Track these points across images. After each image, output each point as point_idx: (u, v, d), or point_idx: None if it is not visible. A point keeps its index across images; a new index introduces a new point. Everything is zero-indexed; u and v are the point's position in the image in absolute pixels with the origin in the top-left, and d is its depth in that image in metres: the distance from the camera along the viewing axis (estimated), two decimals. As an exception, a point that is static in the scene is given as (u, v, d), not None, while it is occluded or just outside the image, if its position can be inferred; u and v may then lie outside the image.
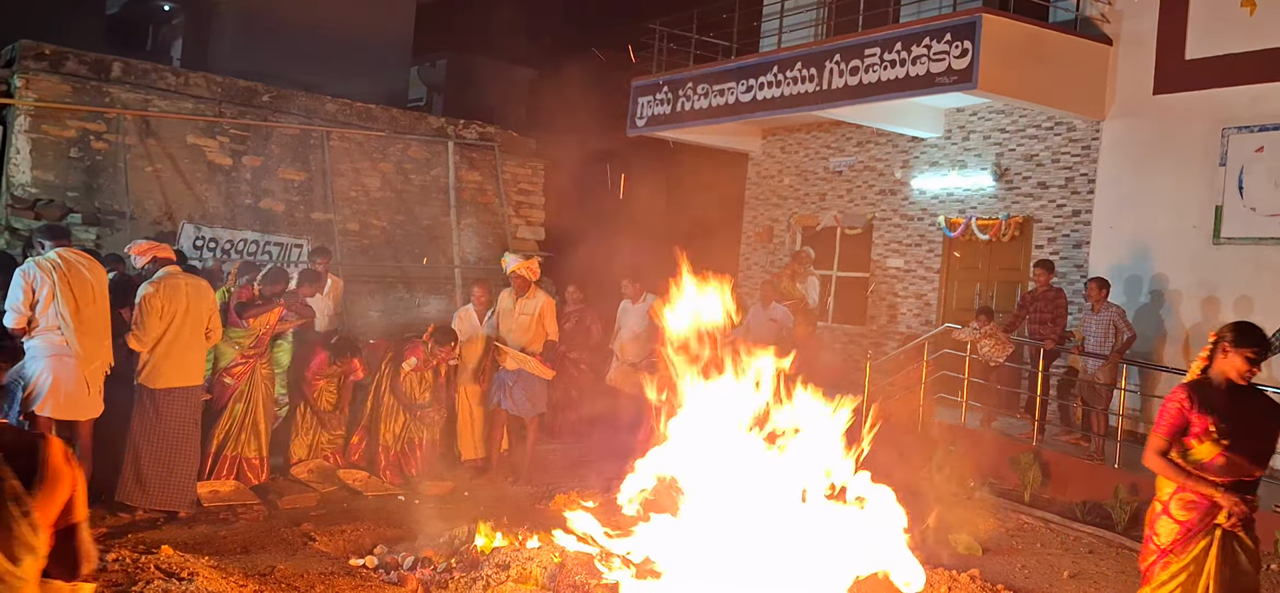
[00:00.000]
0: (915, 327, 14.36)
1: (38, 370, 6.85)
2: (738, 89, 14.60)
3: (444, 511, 7.92)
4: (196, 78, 13.33)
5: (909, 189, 14.90)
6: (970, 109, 13.90)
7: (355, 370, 9.33)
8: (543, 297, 9.83)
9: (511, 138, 15.91)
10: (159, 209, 12.59)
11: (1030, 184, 13.31)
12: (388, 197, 14.54)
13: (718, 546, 5.67)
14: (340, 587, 5.98)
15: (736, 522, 5.73)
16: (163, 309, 7.49)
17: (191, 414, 7.78)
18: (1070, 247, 12.79)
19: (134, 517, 7.40)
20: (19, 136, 11.88)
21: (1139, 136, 12.09)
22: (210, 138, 13.12)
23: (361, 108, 14.50)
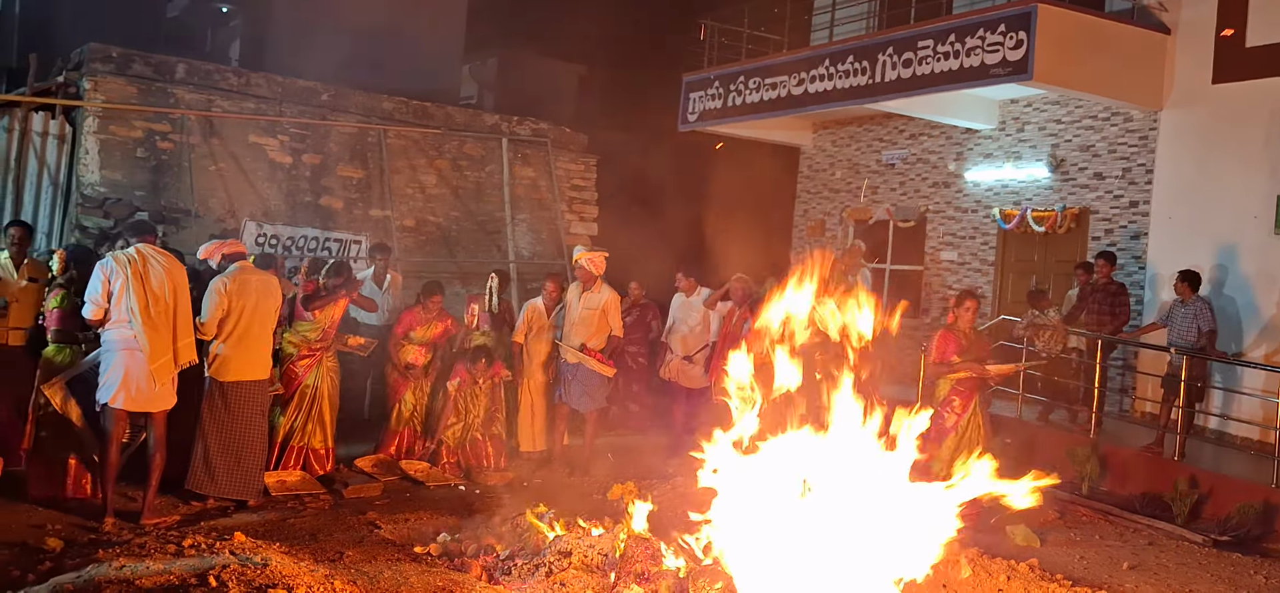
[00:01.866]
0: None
1: (110, 363, 7.07)
2: (789, 82, 14.62)
3: (505, 501, 8.06)
4: (257, 78, 13.60)
5: (963, 181, 14.83)
6: (1025, 100, 13.82)
7: (499, 372, 9.62)
8: (608, 292, 9.93)
9: (564, 134, 16.04)
10: (223, 207, 12.87)
11: (1086, 175, 13.20)
12: (444, 193, 14.75)
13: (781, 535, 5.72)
14: (407, 572, 6.13)
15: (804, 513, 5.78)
16: (231, 303, 7.69)
17: (259, 407, 7.97)
18: (1128, 238, 12.68)
19: (206, 505, 7.62)
20: (88, 137, 12.20)
21: (1198, 126, 11.96)
22: (271, 137, 13.39)
23: (417, 106, 14.71)
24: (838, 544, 5.57)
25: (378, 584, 5.79)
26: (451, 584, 5.93)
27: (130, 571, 5.32)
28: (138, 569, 5.37)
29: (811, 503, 5.82)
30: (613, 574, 6.05)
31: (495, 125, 15.40)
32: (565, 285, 10.36)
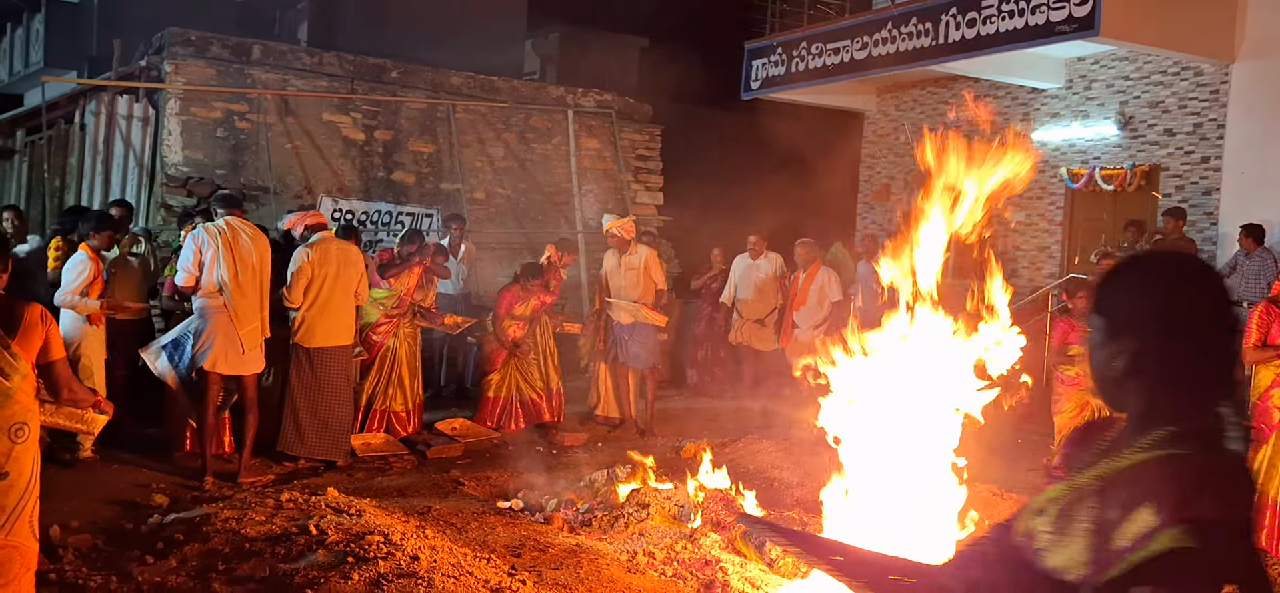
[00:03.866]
0: (1038, 280, 14.24)
1: (204, 329, 7.42)
2: (852, 47, 14.62)
3: (582, 461, 8.31)
4: (329, 57, 13.95)
5: (1029, 141, 14.72)
6: (1092, 57, 13.69)
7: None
8: (645, 250, 10.09)
9: (628, 105, 16.21)
10: (299, 183, 13.25)
11: (1156, 132, 13.08)
12: (511, 166, 15.01)
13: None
14: (493, 523, 6.38)
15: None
16: (314, 271, 8.00)
17: (343, 371, 8.29)
18: (1199, 194, 12.55)
19: (297, 466, 7.97)
20: (170, 119, 12.63)
21: (1271, 79, 11.79)
22: (344, 114, 13.74)
23: (484, 80, 14.97)
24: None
25: (466, 534, 6.06)
26: (535, 534, 6.18)
27: (236, 519, 5.64)
28: (243, 517, 5.68)
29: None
30: (691, 524, 6.26)
31: (560, 98, 15.62)
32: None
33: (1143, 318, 1.81)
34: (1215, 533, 1.60)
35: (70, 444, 7.53)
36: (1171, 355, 1.79)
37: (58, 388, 4.20)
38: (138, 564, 5.49)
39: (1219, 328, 1.82)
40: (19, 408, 3.95)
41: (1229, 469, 1.73)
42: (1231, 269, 10.70)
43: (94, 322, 7.74)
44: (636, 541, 6.09)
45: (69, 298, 7.58)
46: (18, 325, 3.97)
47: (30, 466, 3.99)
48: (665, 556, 5.82)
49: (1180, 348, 1.79)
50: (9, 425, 3.91)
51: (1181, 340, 1.79)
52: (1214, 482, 1.66)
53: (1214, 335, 1.82)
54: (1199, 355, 1.80)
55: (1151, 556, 1.61)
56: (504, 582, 5.04)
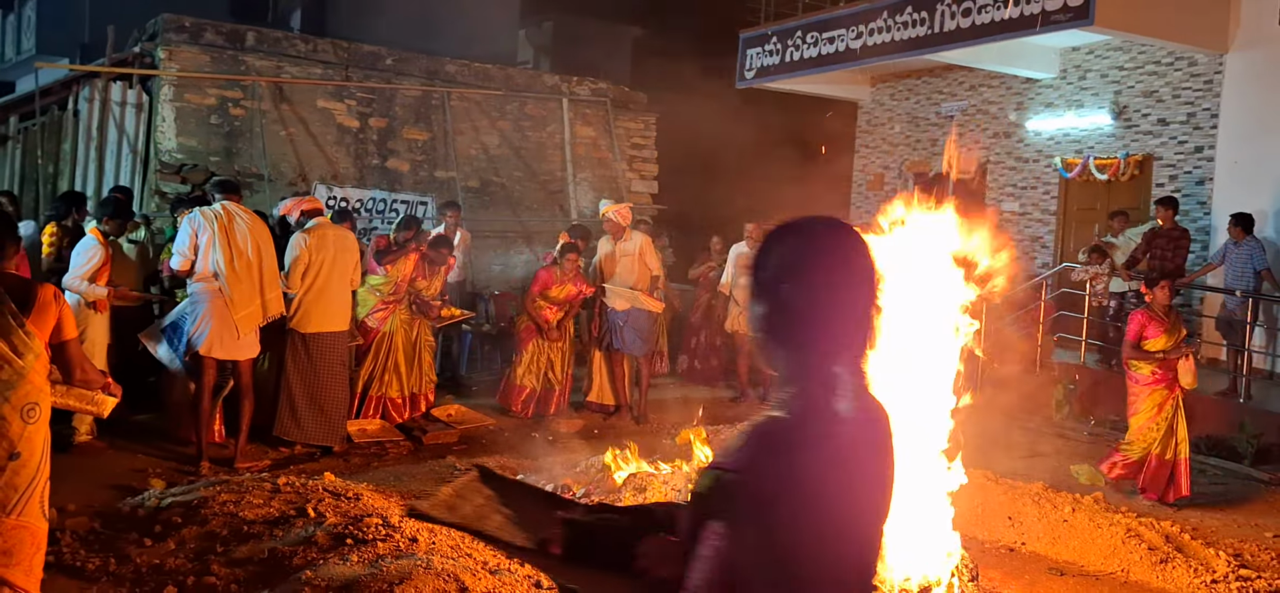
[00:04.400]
0: (1032, 270, 14.28)
1: (200, 313, 7.41)
2: (847, 36, 14.64)
3: (578, 447, 8.32)
4: (324, 44, 13.91)
5: (1023, 131, 14.78)
6: (1086, 47, 13.72)
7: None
8: (640, 236, 10.12)
9: (623, 93, 16.21)
10: (293, 171, 13.22)
11: (1150, 121, 13.11)
12: (506, 154, 15.00)
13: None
14: (490, 508, 6.40)
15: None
16: (311, 256, 7.99)
17: (339, 357, 8.28)
18: (1192, 183, 12.59)
19: (293, 450, 7.97)
20: (164, 106, 12.59)
21: (1265, 69, 11.83)
22: (338, 101, 13.71)
23: (479, 68, 14.95)
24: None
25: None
26: (533, 518, 6.19)
27: (233, 502, 5.65)
28: (241, 500, 5.69)
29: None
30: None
31: (555, 86, 15.60)
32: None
33: (776, 280, 1.88)
34: (737, 485, 1.74)
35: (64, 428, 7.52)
36: (798, 317, 1.86)
37: (70, 368, 4.21)
38: (135, 547, 5.50)
39: (846, 289, 1.88)
40: (31, 388, 3.96)
41: (797, 433, 1.81)
42: (1221, 258, 10.75)
43: (100, 308, 7.73)
44: (633, 525, 6.11)
45: (77, 283, 7.57)
46: (32, 305, 3.97)
47: (41, 446, 4.00)
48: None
49: (804, 310, 1.86)
50: (21, 405, 3.92)
51: (807, 302, 1.85)
52: (764, 441, 1.78)
53: (841, 296, 1.87)
54: (825, 316, 1.86)
55: (695, 490, 1.80)
56: (502, 564, 5.05)
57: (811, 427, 1.83)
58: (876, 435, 1.93)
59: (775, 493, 1.76)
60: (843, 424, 1.85)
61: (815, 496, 1.79)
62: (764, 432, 1.82)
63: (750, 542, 1.76)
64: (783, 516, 1.76)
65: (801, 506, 1.78)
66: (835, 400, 1.84)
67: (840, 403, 1.84)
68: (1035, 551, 6.68)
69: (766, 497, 1.76)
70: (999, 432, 9.26)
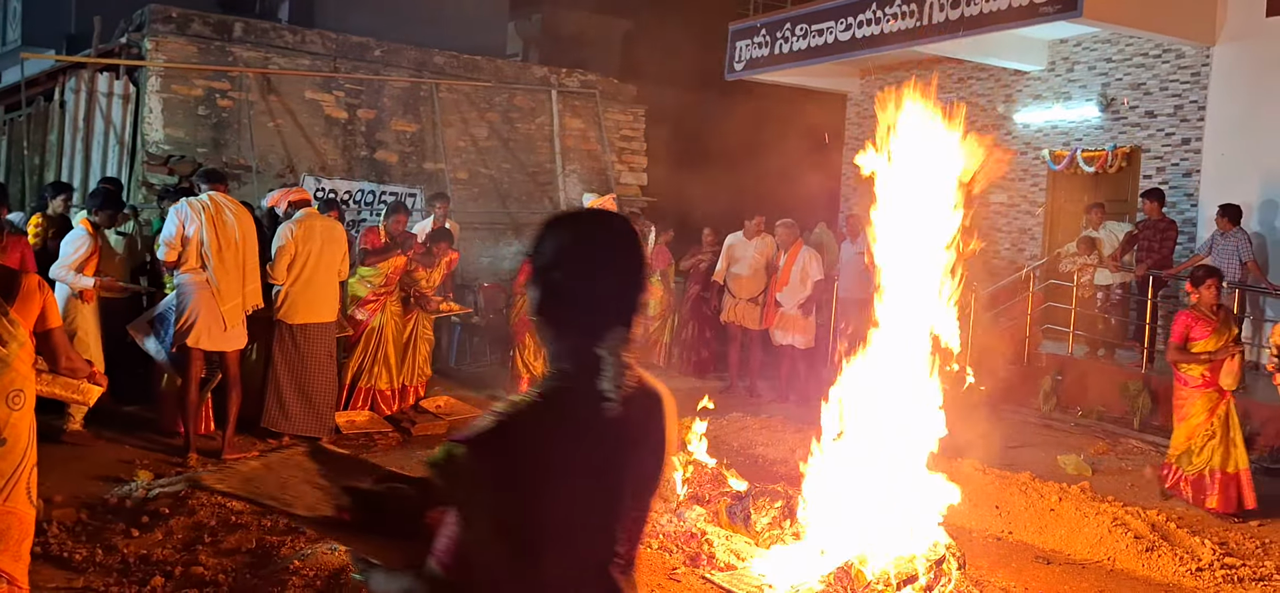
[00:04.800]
0: (1020, 262, 14.33)
1: (186, 305, 7.39)
2: (836, 28, 14.64)
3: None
4: (312, 35, 13.86)
5: (1012, 123, 14.80)
6: (1075, 39, 13.74)
7: None
8: None
9: (612, 85, 16.19)
10: (281, 162, 13.18)
11: (1137, 114, 13.15)
12: (495, 145, 14.97)
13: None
14: (479, 498, 6.40)
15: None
16: (298, 247, 7.97)
17: (326, 348, 8.27)
18: (1180, 176, 12.63)
19: (282, 442, 7.95)
20: (151, 97, 12.53)
21: (1252, 61, 11.86)
22: (326, 93, 13.66)
23: (468, 60, 14.92)
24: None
25: (452, 508, 6.06)
26: (521, 508, 6.19)
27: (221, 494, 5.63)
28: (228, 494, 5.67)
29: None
30: (675, 498, 6.29)
31: (544, 78, 15.58)
32: None
33: (546, 268, 1.99)
34: (468, 460, 1.84)
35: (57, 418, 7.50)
36: (563, 302, 1.98)
37: (55, 356, 4.23)
38: (123, 537, 5.48)
39: (609, 279, 1.99)
40: (16, 375, 3.98)
41: (545, 412, 1.92)
42: (1208, 249, 10.80)
43: (87, 298, 7.70)
44: (622, 515, 6.11)
45: (65, 273, 7.53)
46: (16, 293, 4.00)
47: (27, 433, 4.02)
48: (650, 529, 5.85)
49: (570, 296, 1.98)
50: (6, 392, 3.94)
51: (572, 289, 1.97)
52: (506, 419, 1.88)
53: (604, 285, 1.98)
54: (588, 303, 1.97)
55: (429, 461, 1.89)
56: (491, 554, 5.05)
57: (561, 407, 1.93)
58: (639, 416, 2.00)
59: (509, 469, 1.86)
60: (597, 404, 1.93)
61: (552, 473, 1.88)
62: (509, 411, 1.91)
63: (481, 515, 1.87)
64: (516, 491, 1.85)
65: (535, 482, 1.87)
66: (593, 382, 1.93)
67: (599, 384, 1.92)
68: (1022, 539, 6.72)
69: (500, 473, 1.85)
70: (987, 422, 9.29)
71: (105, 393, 7.46)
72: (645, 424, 2.02)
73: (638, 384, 2.02)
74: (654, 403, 2.06)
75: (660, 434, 2.06)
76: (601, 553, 1.99)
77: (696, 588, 5.19)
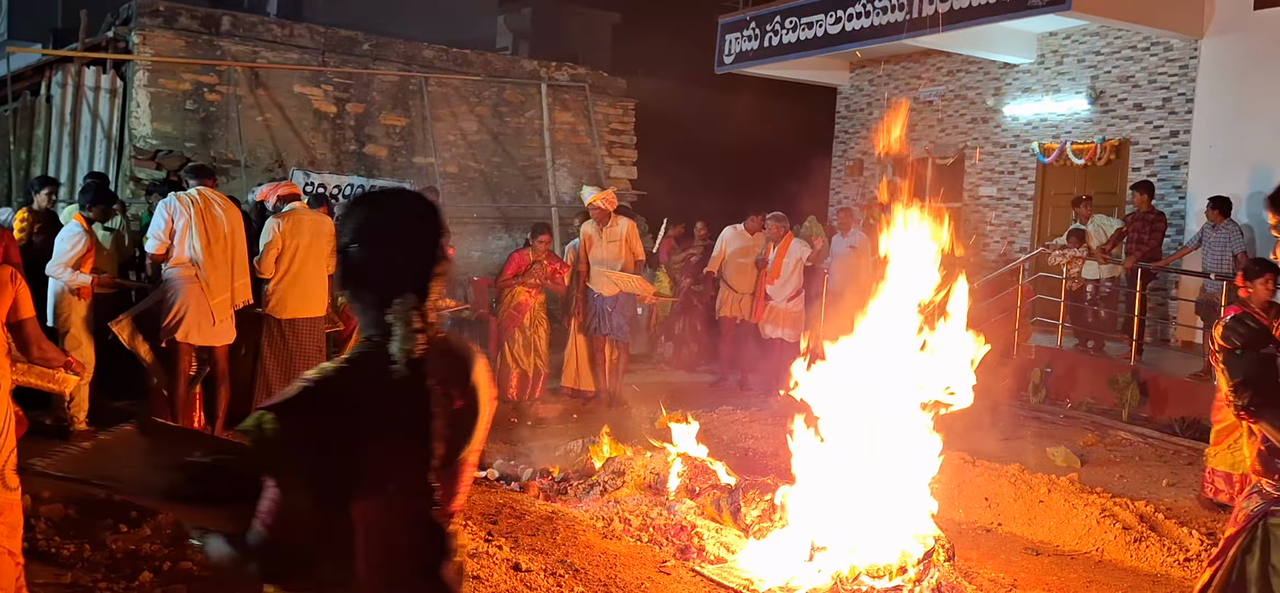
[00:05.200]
0: (1009, 255, 14.36)
1: (175, 300, 7.36)
2: (826, 21, 14.64)
3: (556, 432, 8.32)
4: (300, 29, 13.82)
5: (1001, 116, 14.83)
6: (1064, 32, 13.77)
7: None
8: (625, 222, 10.13)
9: (602, 78, 16.18)
10: (270, 156, 13.15)
11: (1126, 106, 13.18)
12: (484, 139, 14.95)
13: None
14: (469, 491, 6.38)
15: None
16: (285, 241, 7.94)
17: (316, 342, 8.23)
18: (1168, 168, 12.67)
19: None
20: (139, 91, 12.49)
21: (1240, 54, 11.90)
22: (315, 87, 13.63)
23: (457, 53, 14.89)
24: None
25: (441, 502, 6.05)
26: (511, 501, 6.18)
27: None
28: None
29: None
30: (666, 491, 6.29)
31: (534, 71, 15.56)
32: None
33: (347, 242, 2.17)
34: (277, 424, 1.99)
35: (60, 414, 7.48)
36: (363, 273, 2.16)
37: (27, 346, 4.24)
38: (111, 533, 5.47)
39: (403, 250, 2.16)
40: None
41: (350, 375, 2.09)
42: (1198, 241, 10.83)
43: (83, 296, 7.66)
44: (612, 507, 6.11)
45: (61, 271, 7.49)
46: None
47: (2, 418, 4.01)
48: (641, 522, 5.85)
49: (368, 266, 2.15)
50: None
51: (370, 260, 2.15)
52: (314, 385, 2.05)
53: (399, 255, 2.15)
54: (384, 273, 2.14)
55: (242, 428, 2.04)
56: (481, 547, 5.05)
57: (365, 370, 2.09)
58: (443, 375, 2.13)
59: (312, 431, 2.01)
60: (394, 365, 2.07)
61: (353, 433, 2.03)
62: (315, 376, 2.07)
63: (290, 476, 2.01)
64: (319, 452, 2.01)
65: (338, 442, 2.02)
66: (394, 345, 2.08)
67: (401, 346, 2.08)
68: (1011, 531, 6.74)
69: (304, 435, 2.00)
70: (976, 415, 9.30)
71: (96, 389, 7.46)
72: (449, 383, 2.15)
73: (442, 346, 2.19)
74: (460, 363, 2.21)
75: (468, 393, 2.19)
76: (415, 505, 2.10)
77: (686, 580, 5.19)
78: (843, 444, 5.79)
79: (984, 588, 5.40)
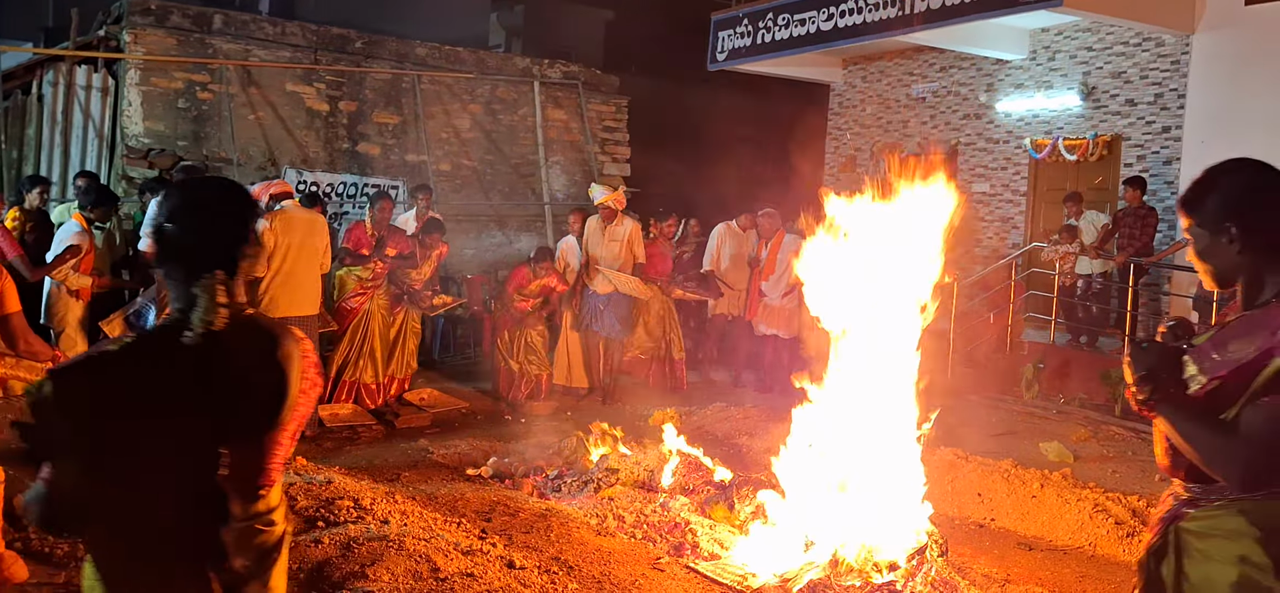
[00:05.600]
0: (1002, 250, 14.39)
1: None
2: (818, 18, 14.63)
3: (550, 429, 8.32)
4: (292, 27, 13.79)
5: (994, 112, 14.85)
6: (1055, 28, 13.79)
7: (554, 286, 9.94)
8: (630, 223, 10.14)
9: (595, 76, 16.18)
10: (263, 155, 13.12)
11: (1118, 102, 13.21)
12: (478, 137, 14.94)
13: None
14: (463, 489, 6.39)
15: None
16: (278, 240, 7.93)
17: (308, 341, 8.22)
18: (1160, 164, 12.70)
19: (264, 435, 7.92)
20: (130, 90, 12.45)
21: (1232, 49, 11.92)
22: (308, 85, 13.60)
23: (450, 51, 14.87)
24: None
25: (436, 500, 6.06)
26: (505, 499, 6.19)
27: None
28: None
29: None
30: (660, 488, 6.29)
31: (526, 69, 15.54)
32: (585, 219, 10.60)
33: (158, 226, 2.33)
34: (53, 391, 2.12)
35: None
36: (172, 251, 2.32)
37: (14, 340, 4.28)
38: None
39: (204, 227, 2.32)
40: None
41: (139, 346, 2.23)
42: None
43: (83, 297, 7.64)
44: (606, 505, 6.12)
45: (61, 271, 7.47)
46: None
47: None
48: (635, 519, 5.86)
49: (176, 245, 2.31)
50: None
51: (177, 239, 2.31)
52: (93, 354, 2.22)
53: (199, 233, 2.31)
54: (190, 251, 2.30)
55: (25, 393, 2.18)
56: (475, 545, 5.05)
57: (157, 342, 2.24)
58: (241, 351, 2.26)
59: (85, 397, 2.14)
60: (188, 336, 2.21)
61: (126, 401, 2.17)
62: (101, 346, 2.24)
63: (63, 439, 2.15)
64: (91, 417, 2.14)
65: (110, 409, 2.15)
66: (194, 316, 2.23)
67: (201, 318, 2.22)
68: (1005, 526, 6.75)
69: (77, 401, 2.14)
70: (969, 410, 9.34)
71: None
72: (249, 359, 2.27)
73: (250, 323, 2.32)
74: (266, 341, 2.30)
75: (270, 370, 2.28)
76: (188, 470, 2.23)
77: (680, 577, 5.20)
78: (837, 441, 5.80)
79: (977, 583, 5.41)
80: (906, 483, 5.63)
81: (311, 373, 2.40)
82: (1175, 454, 2.62)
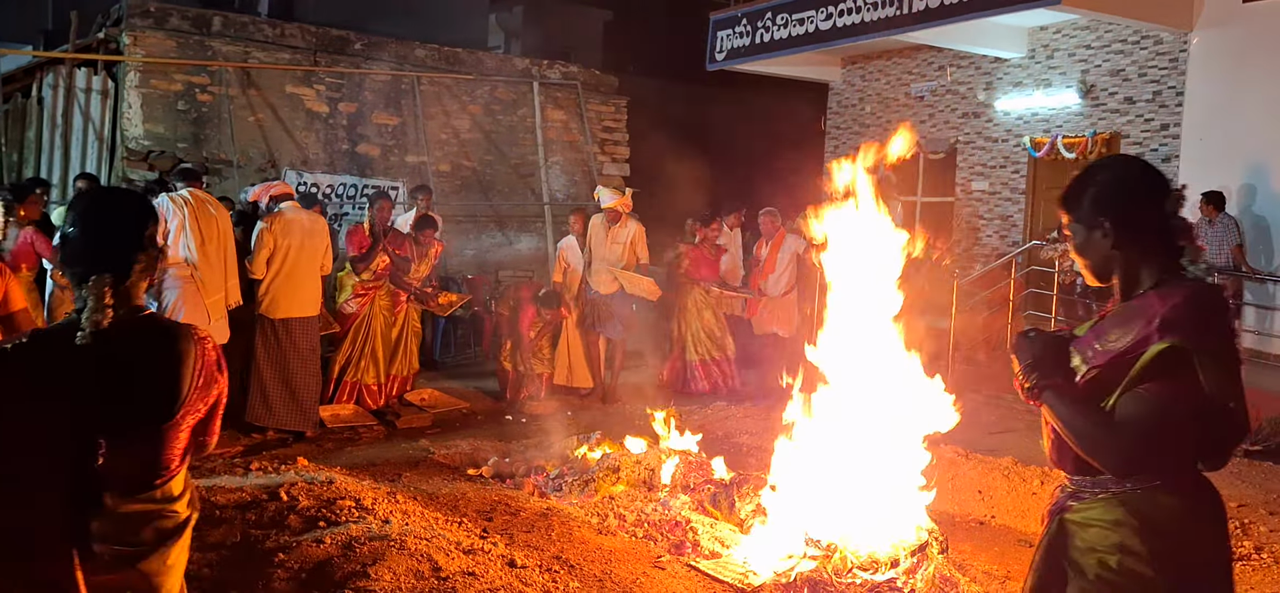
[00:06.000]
0: (1001, 249, 14.40)
1: (171, 300, 7.37)
2: (817, 17, 14.66)
3: (551, 429, 8.33)
4: (292, 29, 13.81)
5: (993, 111, 14.87)
6: (1054, 26, 13.81)
7: (564, 314, 10.02)
8: (634, 224, 10.14)
9: (594, 76, 16.19)
10: (262, 157, 13.14)
11: (1117, 100, 13.23)
12: (477, 138, 14.95)
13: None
14: (464, 489, 6.40)
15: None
16: (277, 241, 7.95)
17: (309, 342, 8.25)
18: (1159, 161, 12.71)
19: (266, 436, 7.95)
20: (130, 92, 12.47)
21: (1229, 47, 11.95)
22: (307, 87, 13.62)
23: (449, 52, 14.89)
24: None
25: (437, 499, 6.06)
26: (506, 498, 6.20)
27: (206, 487, 5.62)
28: (212, 485, 5.67)
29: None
30: (661, 487, 6.30)
31: (526, 69, 15.56)
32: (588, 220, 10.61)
33: (64, 232, 2.53)
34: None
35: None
36: (71, 253, 2.51)
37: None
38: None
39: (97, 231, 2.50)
40: None
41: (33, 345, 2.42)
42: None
43: None
44: (607, 504, 6.13)
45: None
46: None
47: None
48: (636, 518, 5.87)
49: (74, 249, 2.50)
50: None
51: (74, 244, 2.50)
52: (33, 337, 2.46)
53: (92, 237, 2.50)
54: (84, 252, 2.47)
55: None
56: (476, 544, 5.06)
57: (50, 338, 2.42)
58: (130, 348, 2.41)
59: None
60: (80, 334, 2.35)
61: (12, 393, 2.34)
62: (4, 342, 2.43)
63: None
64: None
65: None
66: (84, 316, 2.38)
67: (88, 317, 2.37)
68: (1005, 523, 6.76)
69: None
70: (970, 408, 9.32)
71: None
72: (134, 357, 2.42)
73: (144, 323, 2.48)
74: (159, 340, 2.47)
75: (157, 368, 2.43)
76: (70, 464, 2.36)
77: (681, 575, 5.20)
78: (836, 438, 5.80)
79: (977, 580, 5.42)
80: (907, 480, 5.64)
81: (213, 371, 2.53)
82: (1060, 446, 2.66)
